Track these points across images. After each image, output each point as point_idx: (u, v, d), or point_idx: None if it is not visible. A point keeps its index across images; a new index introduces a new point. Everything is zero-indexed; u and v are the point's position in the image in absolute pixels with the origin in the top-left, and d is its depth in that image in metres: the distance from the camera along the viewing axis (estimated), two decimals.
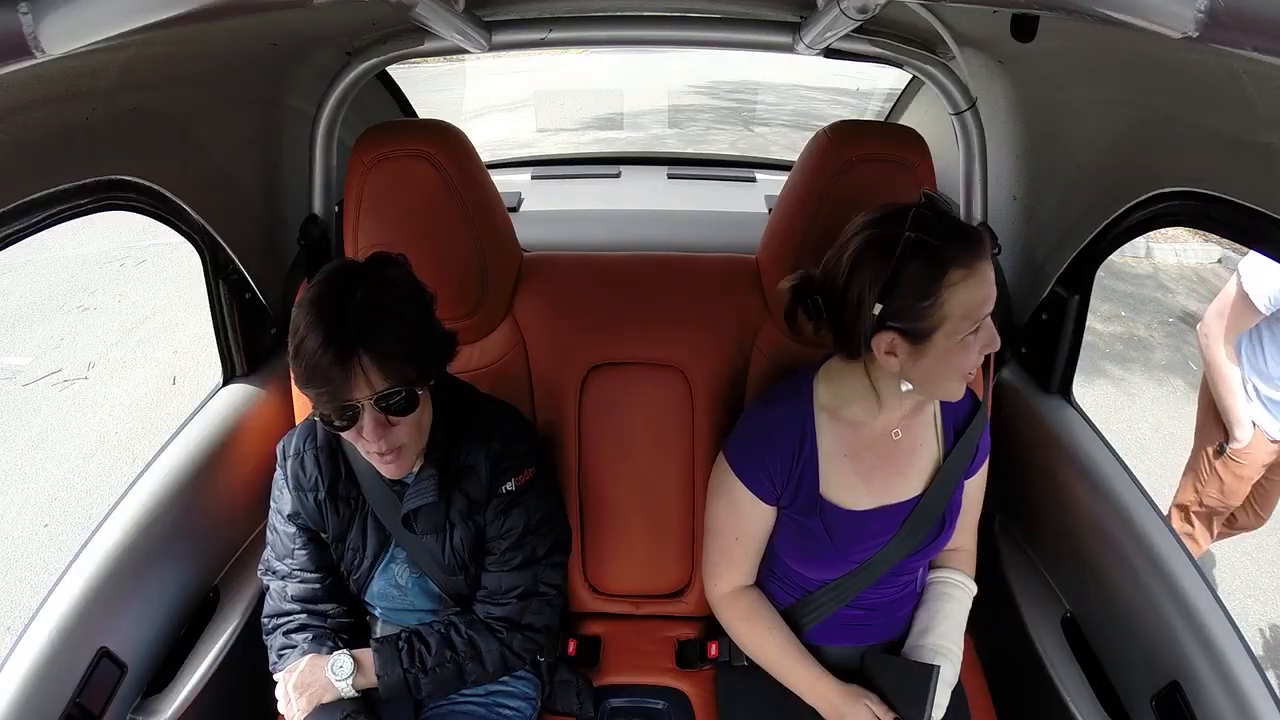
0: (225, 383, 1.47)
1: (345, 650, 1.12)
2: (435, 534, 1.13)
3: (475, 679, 1.15)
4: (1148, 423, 3.63)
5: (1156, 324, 4.53)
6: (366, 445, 1.01)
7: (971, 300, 0.94)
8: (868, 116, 2.68)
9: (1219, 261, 5.20)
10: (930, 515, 1.13)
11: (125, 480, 1.29)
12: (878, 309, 0.95)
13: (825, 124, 1.29)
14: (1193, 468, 2.37)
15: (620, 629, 1.43)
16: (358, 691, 1.11)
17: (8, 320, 4.46)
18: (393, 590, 1.19)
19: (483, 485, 1.12)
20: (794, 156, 1.38)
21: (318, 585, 1.17)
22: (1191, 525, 2.40)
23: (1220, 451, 2.25)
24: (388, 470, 1.05)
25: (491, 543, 1.15)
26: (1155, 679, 1.09)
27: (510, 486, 1.13)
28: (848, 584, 1.15)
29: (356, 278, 0.98)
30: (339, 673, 1.10)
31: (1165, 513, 2.53)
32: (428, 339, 1.03)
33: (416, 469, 1.12)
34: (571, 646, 1.36)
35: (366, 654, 1.12)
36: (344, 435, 1.02)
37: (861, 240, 0.97)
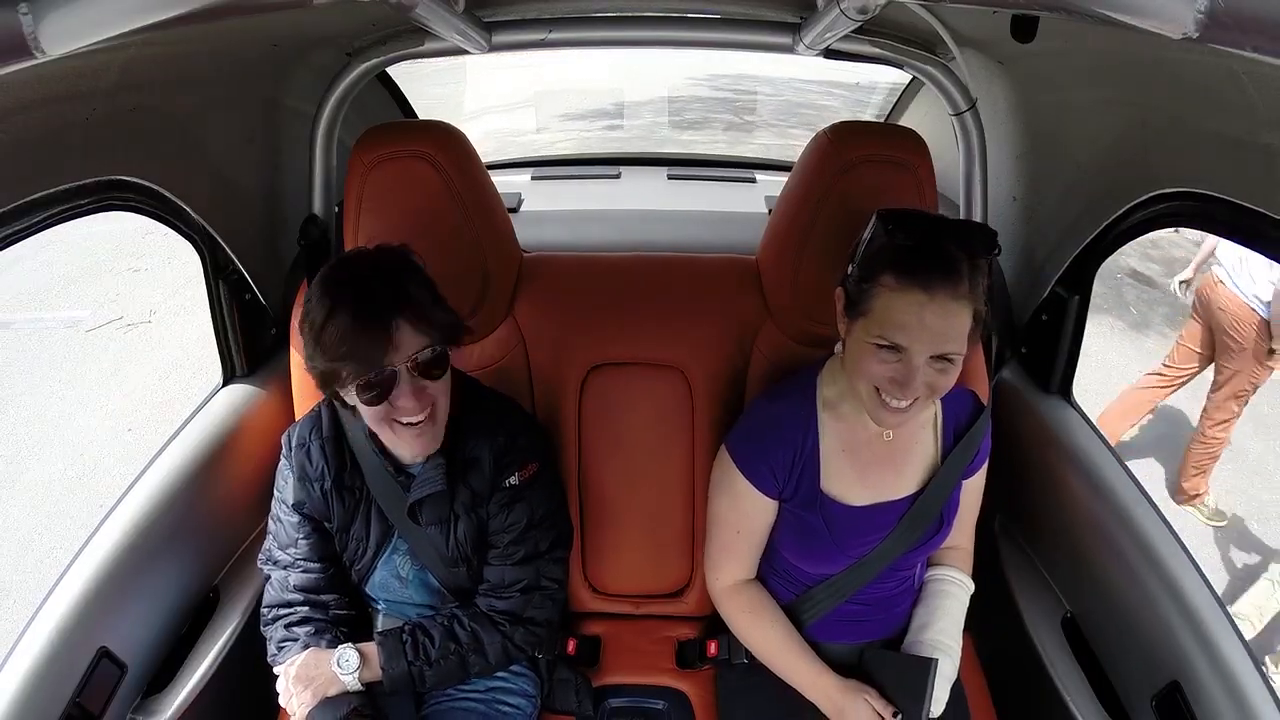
0: (225, 383, 1.47)
1: (350, 644, 1.12)
2: (439, 525, 1.14)
3: (478, 671, 1.15)
4: (1085, 353, 4.05)
5: (1103, 274, 4.90)
6: (401, 414, 1.01)
7: (892, 314, 0.95)
8: (869, 111, 2.67)
9: (1175, 229, 5.30)
10: (927, 513, 1.14)
11: (202, 394, 1.37)
12: (850, 268, 1.03)
13: (813, 111, 1.29)
14: (1236, 373, 2.95)
15: (620, 629, 1.43)
16: (363, 685, 1.11)
17: (58, 283, 4.60)
18: (394, 581, 1.19)
19: (486, 478, 1.13)
20: (782, 143, 1.38)
21: (320, 575, 1.18)
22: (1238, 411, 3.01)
23: (1271, 353, 2.87)
24: (418, 445, 1.05)
25: (494, 536, 1.15)
26: (1155, 679, 1.09)
27: (514, 480, 1.14)
28: (846, 579, 1.15)
29: (367, 254, 1.03)
30: (345, 666, 1.10)
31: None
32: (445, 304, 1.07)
33: (423, 459, 1.13)
34: (571, 646, 1.36)
35: (371, 647, 1.12)
36: (371, 412, 1.01)
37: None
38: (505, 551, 1.15)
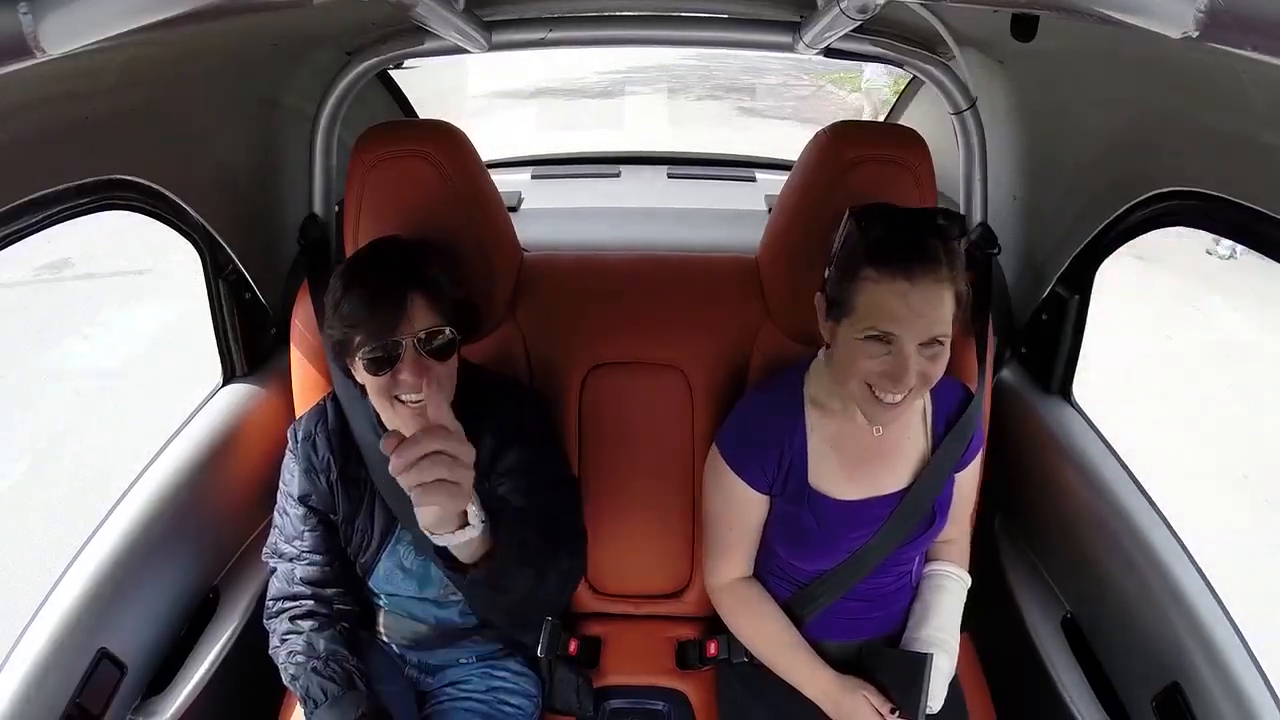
0: (225, 383, 1.47)
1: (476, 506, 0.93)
2: None
3: (540, 597, 1.03)
4: None
5: None
6: (401, 388, 1.01)
7: (878, 305, 0.96)
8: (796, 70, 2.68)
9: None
10: (919, 507, 1.14)
11: None
12: (827, 271, 1.04)
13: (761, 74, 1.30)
14: None
15: (620, 629, 1.43)
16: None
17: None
18: (398, 573, 1.20)
19: (487, 456, 1.12)
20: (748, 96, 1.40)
21: (327, 567, 1.18)
22: None
23: None
24: (415, 425, 0.97)
25: (501, 500, 1.09)
26: (1155, 679, 1.09)
27: (516, 456, 1.13)
28: (842, 574, 1.16)
29: (398, 239, 1.10)
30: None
31: None
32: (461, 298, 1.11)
33: None
34: (572, 646, 1.36)
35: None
36: (374, 385, 1.02)
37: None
38: (515, 487, 1.10)
